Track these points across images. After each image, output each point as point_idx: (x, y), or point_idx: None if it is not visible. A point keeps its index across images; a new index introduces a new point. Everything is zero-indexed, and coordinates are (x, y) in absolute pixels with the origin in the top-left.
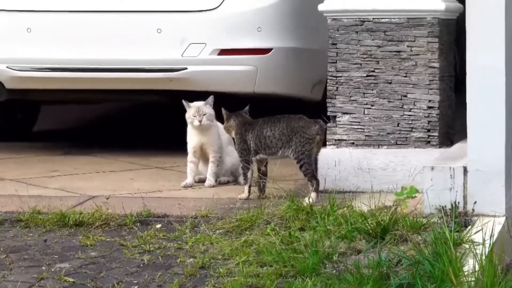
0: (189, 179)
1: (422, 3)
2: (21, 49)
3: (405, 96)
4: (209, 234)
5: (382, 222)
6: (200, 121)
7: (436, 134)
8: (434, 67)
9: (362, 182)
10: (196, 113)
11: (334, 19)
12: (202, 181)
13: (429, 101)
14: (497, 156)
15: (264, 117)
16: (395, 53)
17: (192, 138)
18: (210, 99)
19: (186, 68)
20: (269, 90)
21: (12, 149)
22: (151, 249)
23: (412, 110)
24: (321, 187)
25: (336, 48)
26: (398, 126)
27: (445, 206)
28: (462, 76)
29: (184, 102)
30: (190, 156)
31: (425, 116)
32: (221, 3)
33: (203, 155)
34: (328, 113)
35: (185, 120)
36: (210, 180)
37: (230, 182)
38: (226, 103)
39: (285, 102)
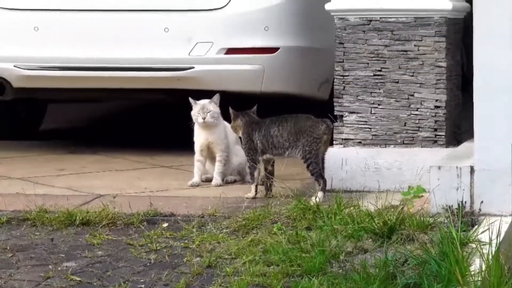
0: (196, 178)
1: (429, 3)
2: (28, 47)
3: (412, 95)
4: (216, 233)
5: (388, 222)
6: (203, 118)
7: (443, 133)
8: (441, 67)
9: (369, 181)
10: (201, 110)
11: (341, 18)
12: (209, 180)
13: (436, 100)
14: (504, 156)
15: (271, 117)
16: (402, 52)
17: (199, 137)
18: (216, 97)
19: (193, 67)
20: (276, 89)
21: (19, 147)
22: (158, 248)
23: (419, 110)
24: (328, 187)
25: (343, 48)
26: (405, 125)
27: (452, 205)
28: (469, 76)
29: (190, 99)
30: (197, 155)
31: (432, 116)
32: (228, 2)
33: (210, 154)
34: (335, 113)
35: (191, 119)
36: (217, 179)
37: (237, 181)
38: (234, 102)
39: (292, 101)
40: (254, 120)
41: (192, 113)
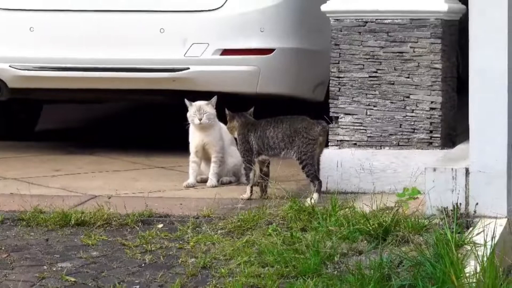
0: (191, 179)
1: (425, 4)
2: (24, 48)
3: (408, 97)
4: (210, 234)
5: (383, 223)
6: (200, 119)
7: (438, 135)
8: (437, 68)
9: (364, 183)
10: (197, 111)
11: (337, 19)
12: (204, 181)
13: (432, 102)
14: (499, 158)
15: (267, 118)
16: (397, 54)
17: (194, 138)
18: (214, 99)
19: (188, 68)
20: (271, 90)
21: (14, 148)
22: (153, 249)
23: (414, 111)
24: (323, 188)
25: (339, 49)
26: (400, 127)
27: (447, 207)
28: (464, 77)
29: (186, 101)
30: (192, 156)
31: (427, 117)
32: (224, 3)
33: (205, 155)
34: (331, 114)
35: (187, 120)
36: (212, 180)
37: (232, 182)
38: (229, 104)
39: (288, 102)
40: (249, 121)
41: (188, 114)
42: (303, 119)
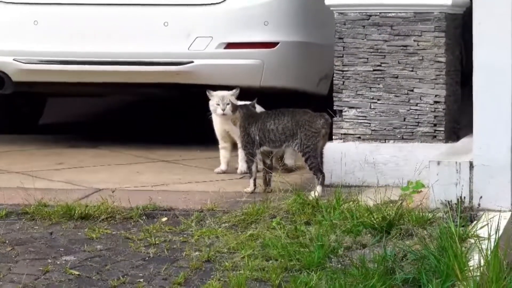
0: (222, 166)
1: None
2: (28, 41)
3: (412, 90)
4: (214, 228)
5: (387, 217)
6: (223, 110)
7: (442, 128)
8: (441, 62)
9: (368, 176)
10: (220, 101)
11: (341, 13)
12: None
13: (436, 95)
14: (503, 151)
15: (268, 110)
16: (401, 47)
17: (217, 126)
18: (236, 90)
19: (192, 62)
20: (275, 84)
21: (18, 141)
22: (157, 242)
23: (418, 105)
24: (327, 181)
25: (343, 42)
26: (404, 120)
27: (451, 200)
28: (468, 71)
29: (207, 91)
30: (220, 143)
31: (431, 111)
32: None
33: (232, 140)
34: (335, 107)
35: (190, 114)
36: (242, 166)
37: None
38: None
39: (291, 96)
40: (251, 114)
41: (211, 103)
42: (305, 112)
